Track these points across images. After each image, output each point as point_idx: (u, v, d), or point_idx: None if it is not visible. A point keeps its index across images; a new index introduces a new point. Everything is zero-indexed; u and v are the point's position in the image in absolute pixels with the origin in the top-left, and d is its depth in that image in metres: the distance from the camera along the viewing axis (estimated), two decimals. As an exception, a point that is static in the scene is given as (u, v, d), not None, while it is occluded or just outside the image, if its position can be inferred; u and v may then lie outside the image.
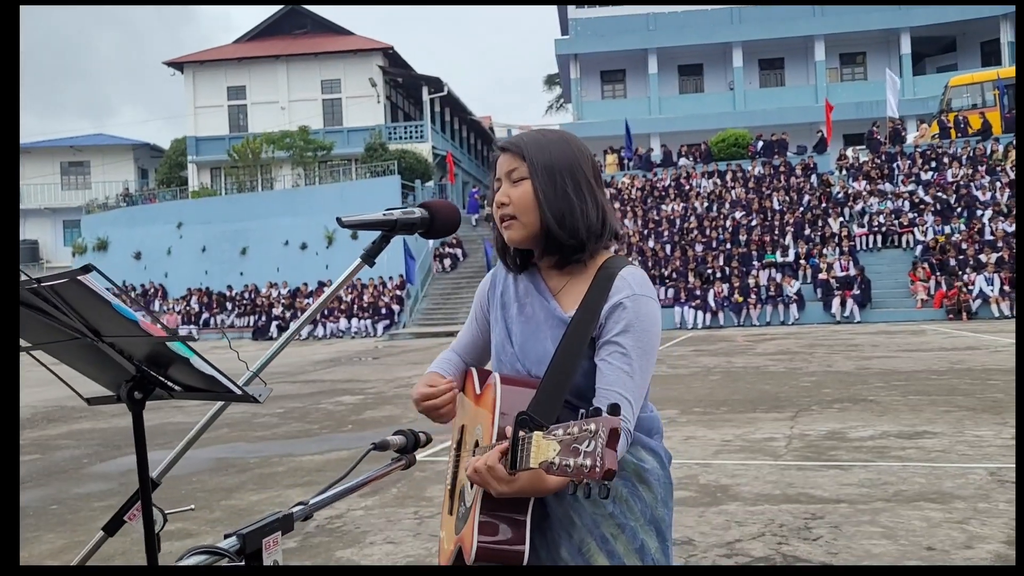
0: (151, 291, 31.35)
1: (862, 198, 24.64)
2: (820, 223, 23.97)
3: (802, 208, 24.94)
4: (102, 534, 1.31)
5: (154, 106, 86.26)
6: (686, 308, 22.03)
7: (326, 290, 1.37)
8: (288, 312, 27.24)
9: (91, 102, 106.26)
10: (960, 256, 20.89)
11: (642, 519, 1.50)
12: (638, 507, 1.50)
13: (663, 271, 23.51)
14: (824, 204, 25.06)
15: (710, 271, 22.78)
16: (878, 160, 26.42)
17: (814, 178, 26.57)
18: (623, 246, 24.90)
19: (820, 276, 21.73)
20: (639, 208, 26.95)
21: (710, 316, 21.88)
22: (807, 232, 23.70)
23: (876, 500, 4.59)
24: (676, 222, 25.75)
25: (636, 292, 1.48)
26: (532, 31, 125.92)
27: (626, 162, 29.88)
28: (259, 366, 1.31)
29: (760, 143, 28.55)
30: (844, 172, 26.68)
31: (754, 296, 21.79)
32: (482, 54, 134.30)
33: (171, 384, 1.06)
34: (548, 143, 1.55)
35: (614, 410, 1.11)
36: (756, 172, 27.32)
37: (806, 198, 25.48)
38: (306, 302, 27.12)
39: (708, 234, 24.58)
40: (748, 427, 7.00)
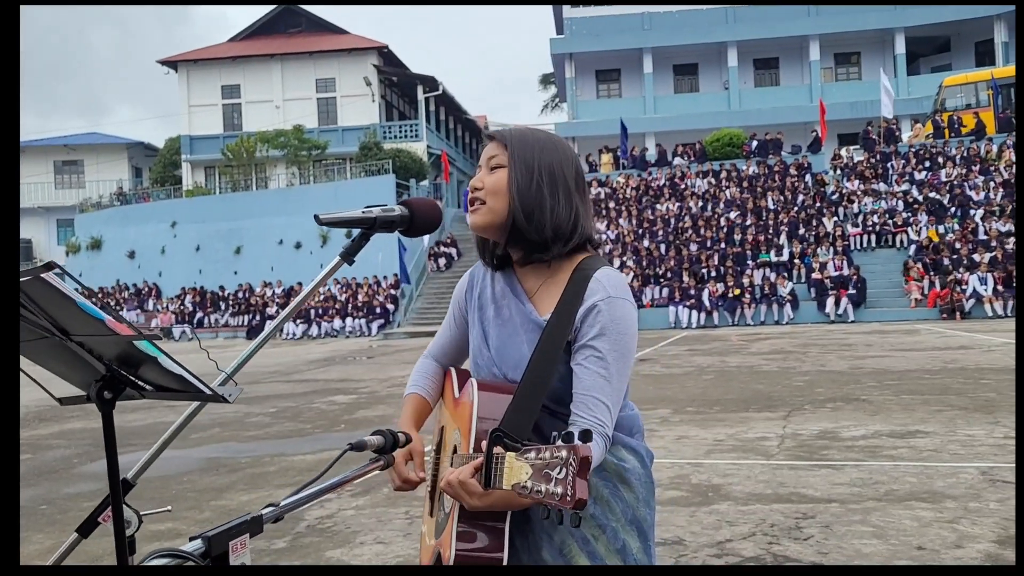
0: (145, 290, 31.26)
1: (856, 198, 24.70)
2: (814, 223, 24.01)
3: (796, 208, 24.98)
4: (76, 536, 1.29)
5: (149, 105, 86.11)
6: (680, 307, 22.05)
7: (320, 289, 1.36)
8: (282, 311, 27.21)
9: (85, 101, 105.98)
10: (954, 256, 20.95)
11: (623, 519, 1.48)
12: (619, 508, 1.48)
13: (658, 270, 23.54)
14: (818, 204, 25.12)
15: (704, 270, 22.81)
16: (872, 160, 26.49)
17: (808, 178, 26.62)
18: (618, 245, 24.94)
19: (814, 276, 21.77)
20: (634, 207, 26.97)
21: (704, 315, 21.90)
22: (801, 231, 23.74)
23: (867, 500, 4.59)
24: (671, 221, 25.77)
25: (611, 294, 1.46)
26: (527, 31, 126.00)
27: (621, 161, 29.91)
28: (235, 366, 1.30)
29: (755, 143, 28.59)
30: (838, 172, 26.74)
31: (748, 295, 21.83)
32: (477, 54, 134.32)
33: (142, 384, 1.04)
34: (534, 140, 1.55)
35: (585, 437, 1.10)
36: (751, 172, 27.36)
37: (800, 198, 25.53)
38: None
39: (703, 233, 24.60)
40: (741, 426, 7.00)
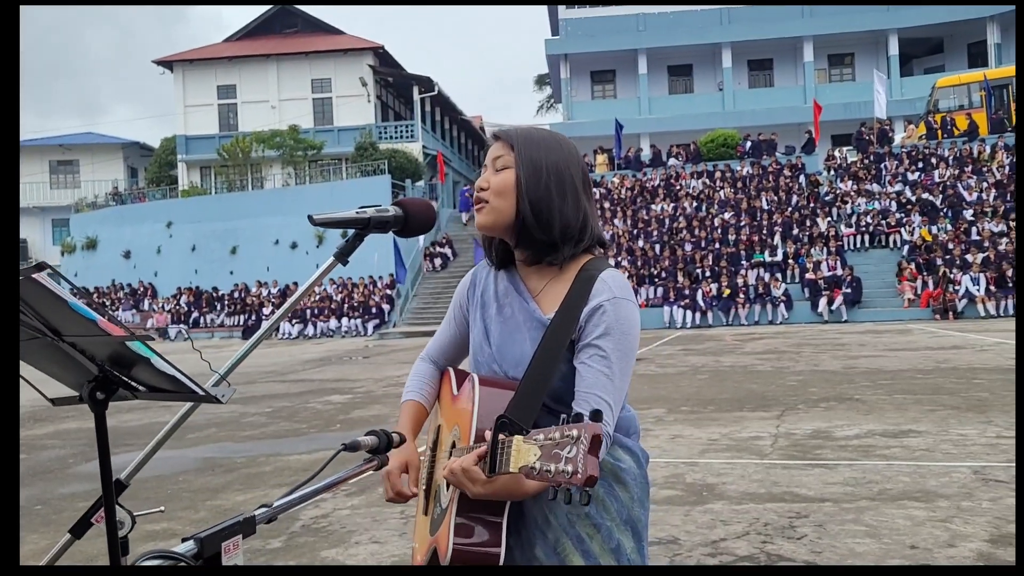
0: (141, 290, 31.19)
1: (850, 198, 24.77)
2: (808, 223, 24.08)
3: (790, 208, 25.04)
4: (69, 536, 1.30)
5: (145, 105, 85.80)
6: (675, 307, 22.09)
7: (316, 289, 1.36)
8: (277, 311, 27.17)
9: (81, 100, 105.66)
10: (947, 256, 21.02)
11: (618, 519, 1.49)
12: (614, 507, 1.49)
13: (652, 270, 23.57)
14: (812, 204, 25.19)
15: (699, 270, 22.85)
16: (866, 160, 26.56)
17: (802, 178, 26.69)
18: (612, 245, 24.95)
19: (808, 276, 21.83)
20: (628, 208, 27.00)
21: (699, 315, 21.94)
22: (795, 232, 23.80)
23: (860, 499, 4.61)
24: (665, 222, 25.81)
25: (616, 295, 1.47)
26: (523, 31, 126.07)
27: (616, 162, 29.94)
28: (228, 367, 1.30)
29: (749, 143, 28.65)
30: (832, 172, 26.82)
31: (742, 295, 21.87)
32: (473, 54, 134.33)
33: (135, 384, 1.05)
34: (540, 139, 1.55)
35: (596, 416, 1.11)
36: (745, 172, 27.42)
37: (794, 198, 25.60)
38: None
39: (697, 234, 24.65)
40: (735, 426, 7.02)
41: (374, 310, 26.01)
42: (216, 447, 7.27)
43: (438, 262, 28.11)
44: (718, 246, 23.93)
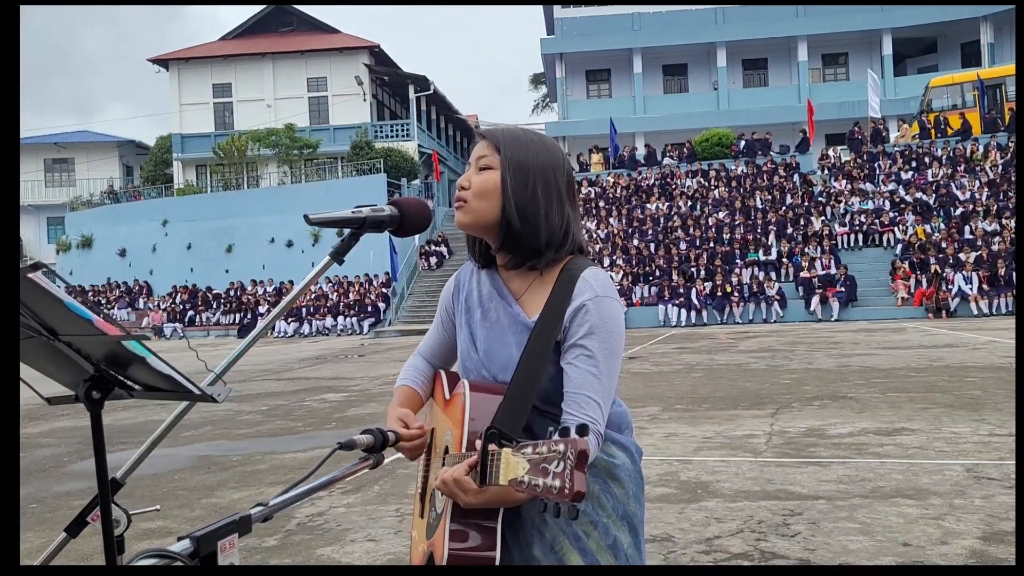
0: (136, 289, 31.12)
1: (843, 197, 24.84)
2: (802, 222, 24.14)
3: (784, 207, 25.10)
4: (65, 535, 1.30)
5: (140, 103, 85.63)
6: (670, 306, 22.13)
7: (312, 287, 1.37)
8: (275, 309, 27.14)
9: (77, 99, 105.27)
10: (940, 255, 21.10)
11: (614, 515, 1.49)
12: (610, 503, 1.49)
13: (647, 269, 23.60)
14: (806, 203, 25.24)
15: (693, 269, 22.89)
16: (859, 160, 26.63)
17: (796, 177, 26.75)
18: (608, 244, 24.99)
19: (802, 274, 21.89)
20: (623, 207, 27.03)
21: (694, 314, 21.98)
22: (789, 231, 23.86)
23: (854, 496, 4.63)
24: (660, 221, 25.85)
25: (599, 294, 1.47)
26: (518, 31, 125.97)
27: (611, 161, 29.97)
28: (224, 366, 1.31)
29: (743, 143, 28.71)
30: (826, 172, 26.88)
31: (737, 294, 21.92)
32: (468, 53, 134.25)
33: (130, 383, 1.05)
34: (527, 141, 1.54)
35: (582, 431, 1.11)
36: (739, 171, 27.48)
37: (788, 197, 25.65)
38: (291, 300, 27.04)
39: (692, 232, 24.70)
40: (729, 424, 7.04)
41: (370, 308, 26.00)
42: (211, 445, 7.27)
43: (433, 260, 28.11)
44: (713, 245, 23.98)
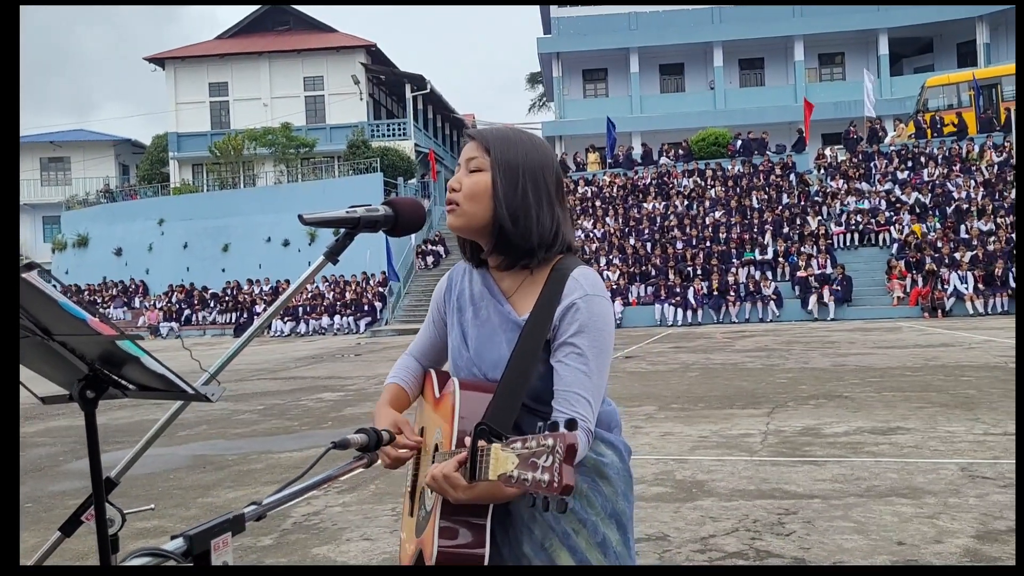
0: (132, 288, 31.06)
1: (839, 197, 24.88)
2: (798, 221, 24.17)
3: (781, 206, 25.14)
4: (59, 534, 1.30)
5: (136, 102, 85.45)
6: (666, 305, 22.16)
7: (308, 286, 1.37)
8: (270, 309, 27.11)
9: (73, 97, 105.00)
10: (935, 254, 21.15)
11: (603, 513, 1.50)
12: (599, 501, 1.50)
13: (643, 268, 23.62)
14: (802, 203, 25.28)
15: (690, 268, 22.92)
16: (855, 160, 26.68)
17: (793, 177, 26.79)
18: (604, 243, 25.00)
19: (798, 274, 21.92)
20: (620, 206, 27.05)
21: (690, 313, 22.01)
22: (785, 230, 23.89)
23: (849, 495, 4.64)
24: (657, 220, 25.87)
25: (588, 292, 1.48)
26: (515, 30, 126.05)
27: (607, 160, 29.99)
28: (218, 365, 1.31)
29: (740, 142, 28.74)
30: (822, 171, 26.92)
31: (733, 293, 21.96)
32: (465, 53, 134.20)
33: (125, 383, 1.06)
34: (516, 142, 1.54)
35: (571, 425, 1.12)
36: (736, 171, 27.51)
37: (784, 197, 25.69)
38: (287, 299, 27.01)
39: (688, 232, 24.72)
40: (725, 423, 7.05)
41: (366, 307, 25.99)
42: (207, 445, 7.26)
43: (430, 260, 28.10)
44: (709, 244, 24.01)
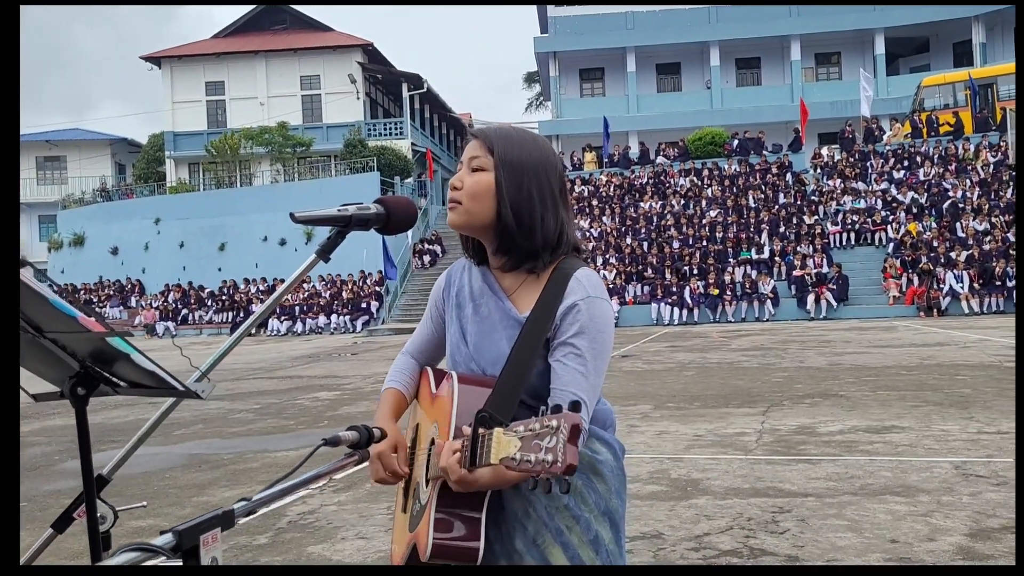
0: (128, 287, 31.02)
1: (836, 196, 24.93)
2: (795, 220, 24.21)
3: (777, 206, 25.17)
4: (51, 531, 1.31)
5: (133, 101, 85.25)
6: (662, 304, 22.18)
7: (305, 286, 1.38)
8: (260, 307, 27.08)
9: (69, 96, 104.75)
10: (931, 254, 21.20)
11: (596, 510, 1.51)
12: (592, 499, 1.51)
13: (640, 268, 23.64)
14: (799, 202, 25.32)
15: (686, 268, 22.94)
16: (851, 159, 26.72)
17: (789, 176, 26.82)
18: (601, 243, 25.01)
19: (795, 273, 21.96)
20: (617, 205, 27.07)
21: (686, 312, 22.03)
22: (782, 229, 23.93)
23: (843, 494, 4.65)
24: (653, 219, 25.89)
25: (590, 294, 1.49)
26: (512, 29, 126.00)
27: (604, 159, 30.01)
28: (210, 363, 1.32)
29: (736, 141, 28.76)
30: (818, 170, 26.96)
31: (729, 293, 21.98)
32: (462, 51, 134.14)
33: (116, 380, 1.06)
34: (520, 141, 1.54)
35: (575, 407, 1.13)
36: (732, 170, 27.53)
37: (781, 196, 25.73)
38: (285, 298, 26.97)
39: (685, 231, 24.74)
40: (720, 422, 7.06)
41: (363, 306, 25.99)
42: (203, 443, 7.26)
43: (427, 259, 28.10)
44: (706, 243, 24.04)
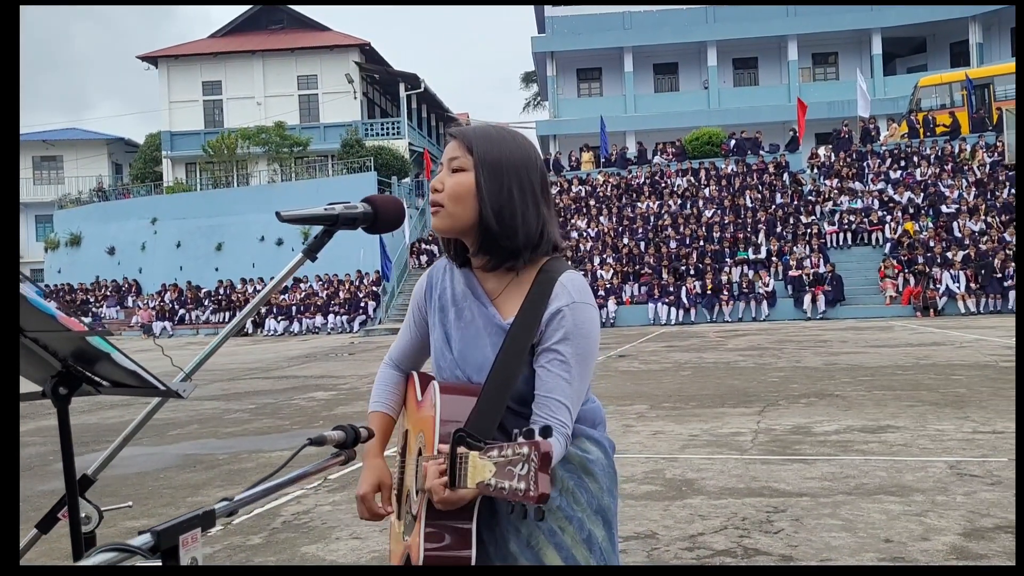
0: (125, 287, 30.98)
1: (832, 196, 24.95)
2: (791, 220, 24.23)
3: (774, 206, 25.20)
4: (36, 531, 1.30)
5: (130, 101, 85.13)
6: (659, 304, 22.20)
7: (302, 285, 1.37)
8: (263, 308, 27.03)
9: (65, 96, 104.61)
10: (928, 254, 21.23)
11: (588, 509, 1.51)
12: (584, 498, 1.51)
13: (637, 267, 23.65)
14: (795, 202, 25.34)
15: (683, 267, 22.96)
16: (847, 159, 26.76)
17: (786, 176, 26.85)
18: (598, 243, 25.02)
19: (791, 273, 21.98)
20: (614, 205, 27.08)
21: (683, 312, 22.05)
22: (779, 229, 23.95)
23: (837, 493, 4.66)
24: (651, 219, 25.90)
25: (575, 300, 1.48)
26: (509, 29, 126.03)
27: (602, 159, 30.02)
28: (195, 363, 1.31)
29: (733, 141, 28.78)
30: (815, 170, 26.99)
31: (726, 292, 22.00)
32: (459, 51, 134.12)
33: (98, 380, 1.06)
34: (499, 140, 1.52)
35: (546, 432, 1.12)
36: (729, 170, 27.55)
37: (778, 196, 25.75)
38: (281, 298, 26.95)
39: (682, 231, 24.76)
40: (716, 422, 7.07)
41: (360, 306, 25.97)
42: (198, 444, 7.25)
43: (424, 259, 28.09)
44: (703, 243, 24.05)
